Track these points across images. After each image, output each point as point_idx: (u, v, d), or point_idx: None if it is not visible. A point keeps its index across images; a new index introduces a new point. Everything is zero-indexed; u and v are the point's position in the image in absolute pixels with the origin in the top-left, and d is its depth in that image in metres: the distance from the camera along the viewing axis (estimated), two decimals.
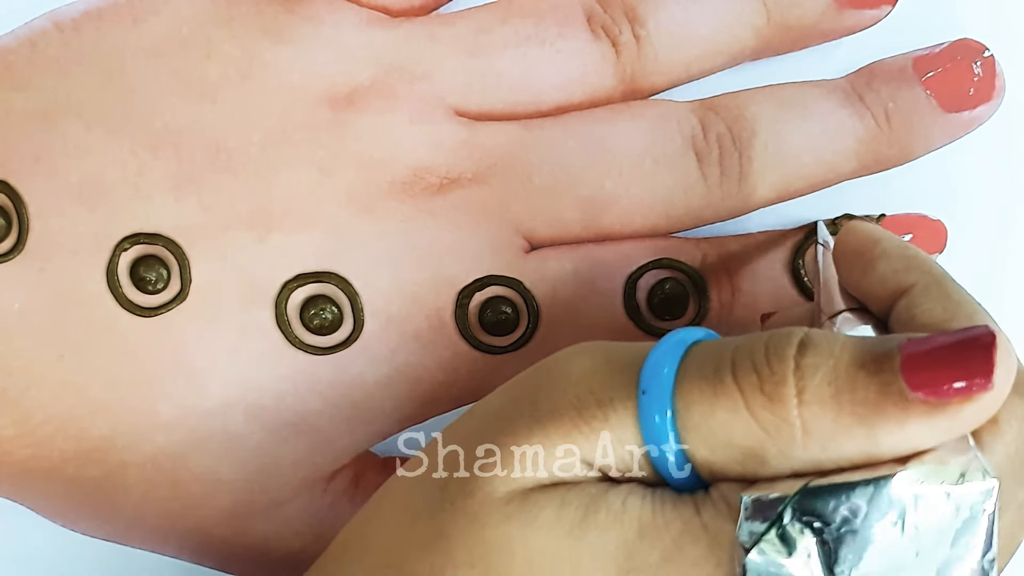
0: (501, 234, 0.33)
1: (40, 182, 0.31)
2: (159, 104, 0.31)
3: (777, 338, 0.24)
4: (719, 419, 0.24)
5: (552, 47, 0.33)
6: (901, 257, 0.27)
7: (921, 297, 0.26)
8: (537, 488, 0.25)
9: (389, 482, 0.28)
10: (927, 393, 0.23)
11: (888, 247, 0.28)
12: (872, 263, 0.28)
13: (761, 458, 0.24)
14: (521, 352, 0.33)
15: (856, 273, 0.28)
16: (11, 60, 0.31)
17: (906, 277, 0.27)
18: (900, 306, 0.27)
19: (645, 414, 0.24)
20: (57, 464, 0.31)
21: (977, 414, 0.23)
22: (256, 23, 0.32)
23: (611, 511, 0.24)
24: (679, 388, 0.24)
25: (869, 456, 0.23)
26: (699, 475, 0.25)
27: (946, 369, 0.23)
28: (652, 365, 0.25)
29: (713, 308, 0.33)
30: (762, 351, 0.24)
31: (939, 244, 0.34)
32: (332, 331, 0.32)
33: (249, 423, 0.31)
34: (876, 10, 0.34)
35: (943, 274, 0.27)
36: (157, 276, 0.31)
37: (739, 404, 0.24)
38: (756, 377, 0.24)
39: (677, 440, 0.24)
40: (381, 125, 0.32)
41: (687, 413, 0.24)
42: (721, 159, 0.33)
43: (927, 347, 0.23)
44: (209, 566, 0.34)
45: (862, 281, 0.28)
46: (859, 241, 0.28)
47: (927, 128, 0.33)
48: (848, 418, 0.23)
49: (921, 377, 0.23)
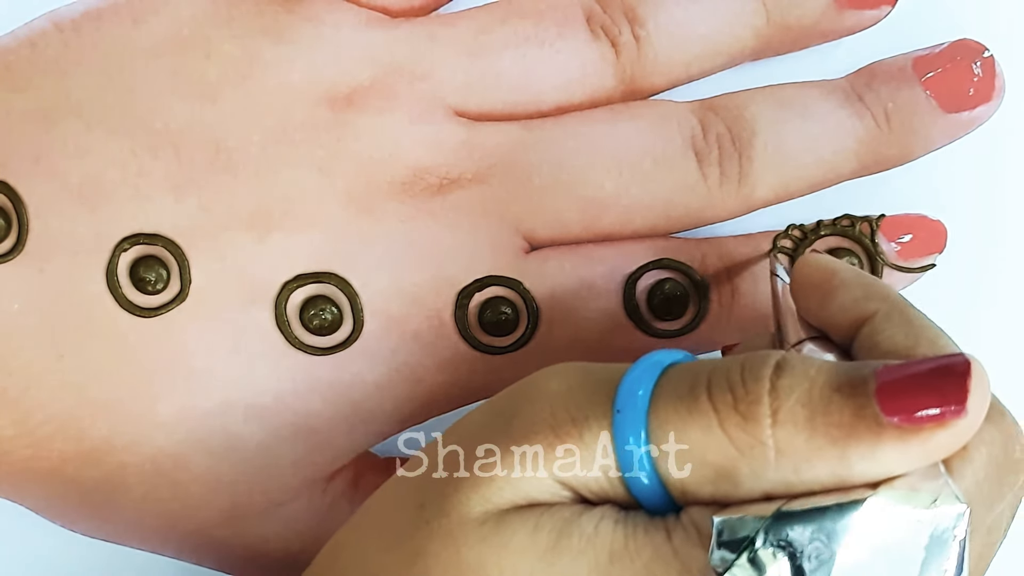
0: (501, 234, 0.33)
1: (40, 182, 0.31)
2: (159, 104, 0.31)
3: (753, 360, 0.24)
4: (693, 437, 0.24)
5: (552, 47, 0.33)
6: (860, 286, 0.28)
7: (883, 324, 0.27)
8: (512, 510, 0.25)
9: (370, 499, 0.28)
10: (901, 418, 0.23)
11: (846, 277, 0.28)
12: (831, 293, 0.28)
13: (733, 478, 0.24)
14: (521, 352, 0.33)
15: (815, 304, 0.28)
16: (11, 60, 0.31)
17: (866, 305, 0.27)
18: (863, 333, 0.27)
19: (619, 433, 0.25)
20: (57, 464, 0.31)
21: (950, 441, 0.23)
22: (256, 23, 0.32)
23: (583, 536, 0.24)
24: (654, 407, 0.25)
25: (841, 480, 0.23)
26: (671, 496, 0.25)
27: (921, 395, 0.23)
28: (628, 385, 0.25)
29: (713, 309, 0.33)
30: (738, 371, 0.24)
31: (939, 244, 0.34)
32: (332, 331, 0.32)
33: (249, 423, 0.31)
34: (876, 10, 0.34)
35: (903, 301, 0.27)
36: (157, 276, 0.31)
37: (713, 423, 0.24)
38: (731, 396, 0.24)
39: (650, 459, 0.24)
40: (381, 125, 0.32)
41: (661, 432, 0.24)
42: (721, 159, 0.33)
43: (902, 373, 0.23)
44: (209, 566, 0.34)
45: (822, 311, 0.28)
46: (817, 273, 0.29)
47: (927, 128, 0.33)
48: (821, 440, 0.23)
49: (896, 402, 0.23)
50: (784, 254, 0.33)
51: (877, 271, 0.33)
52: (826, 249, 0.34)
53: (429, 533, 0.25)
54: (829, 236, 0.34)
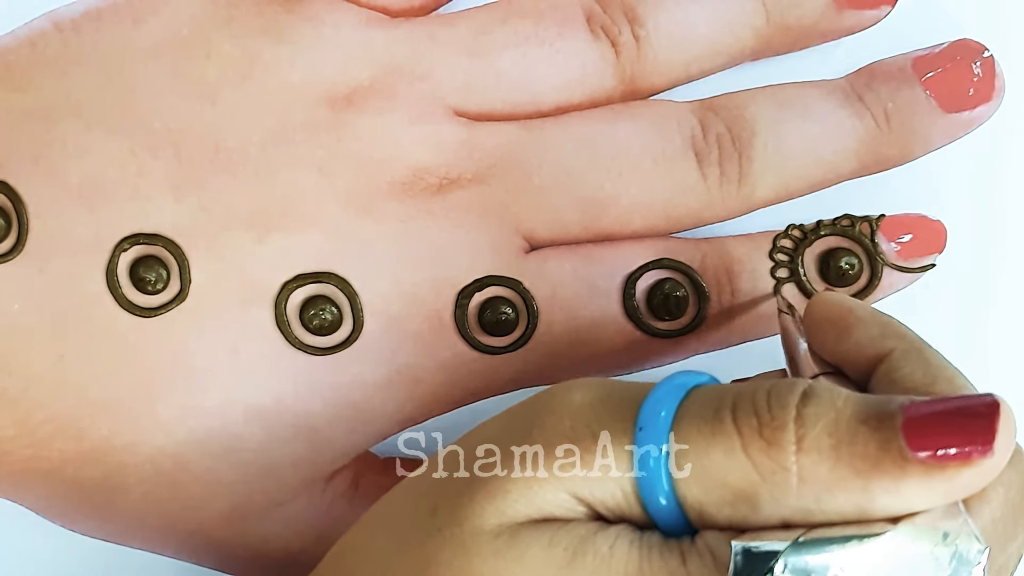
0: (501, 234, 0.33)
1: (40, 182, 0.31)
2: (159, 104, 0.31)
3: (781, 386, 0.24)
4: (714, 459, 0.24)
5: (552, 47, 0.33)
6: (876, 324, 0.28)
7: (901, 362, 0.27)
8: (527, 523, 0.25)
9: (380, 501, 0.28)
10: (927, 455, 0.23)
11: (862, 315, 0.28)
12: (848, 330, 0.28)
13: (753, 502, 0.24)
14: (521, 352, 0.33)
15: (831, 340, 0.29)
16: (11, 60, 0.31)
17: (883, 343, 0.27)
18: (880, 371, 0.27)
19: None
20: (57, 464, 0.31)
21: (975, 480, 0.23)
22: (256, 23, 0.32)
23: (598, 555, 0.24)
24: (677, 427, 0.24)
25: (862, 512, 0.23)
26: (688, 518, 0.25)
27: (948, 433, 0.23)
28: (652, 404, 0.25)
29: (712, 309, 0.33)
30: (764, 397, 0.24)
31: (939, 244, 0.34)
32: (332, 332, 0.32)
33: (249, 423, 0.31)
34: (876, 10, 0.34)
35: (920, 340, 0.27)
36: (157, 276, 0.31)
37: (736, 446, 0.24)
38: (756, 421, 0.24)
39: (669, 479, 0.24)
40: (381, 125, 0.32)
41: (683, 453, 0.24)
42: (721, 159, 0.33)
43: (930, 409, 0.23)
44: (209, 566, 0.34)
45: (838, 347, 0.28)
46: (832, 310, 0.29)
47: (927, 128, 0.33)
48: (845, 470, 0.23)
49: (922, 438, 0.23)
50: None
51: (877, 271, 0.33)
52: (826, 249, 0.34)
53: (441, 541, 0.25)
54: (829, 236, 0.34)
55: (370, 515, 0.28)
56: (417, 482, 0.27)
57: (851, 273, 0.33)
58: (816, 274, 0.34)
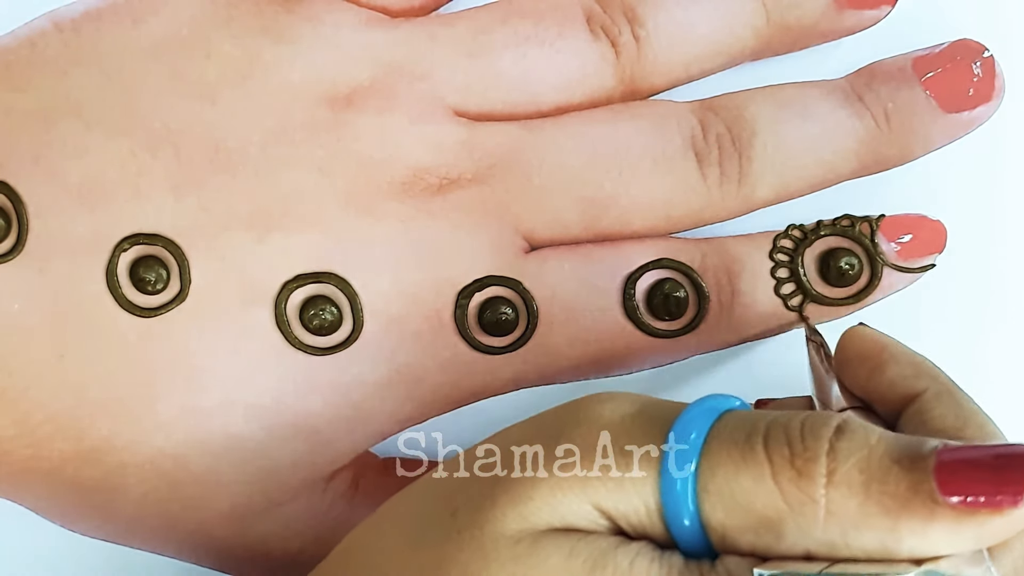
0: (501, 234, 0.33)
1: (40, 182, 0.31)
2: (159, 104, 0.31)
3: (815, 418, 0.24)
4: (743, 485, 0.24)
5: (552, 47, 0.33)
6: (910, 363, 0.28)
7: (932, 403, 0.27)
8: (548, 532, 0.25)
9: (395, 498, 0.28)
10: (958, 500, 0.23)
11: (895, 352, 0.29)
12: (881, 367, 0.28)
13: (778, 531, 0.24)
14: (520, 352, 0.33)
15: (862, 376, 0.29)
16: (11, 60, 0.31)
17: (916, 383, 0.28)
18: (911, 411, 0.27)
19: (667, 471, 0.24)
20: (57, 464, 0.31)
21: (1003, 528, 0.23)
22: (256, 23, 0.32)
23: (618, 569, 0.24)
24: (707, 450, 0.24)
25: (887, 551, 0.23)
26: (710, 541, 0.25)
27: (980, 479, 0.23)
28: (683, 424, 0.25)
29: (712, 309, 0.33)
30: (798, 427, 0.24)
31: (939, 244, 0.34)
32: (332, 331, 0.32)
33: (249, 423, 0.31)
34: (876, 10, 0.34)
35: (952, 382, 0.28)
36: (157, 276, 0.31)
37: (766, 473, 0.24)
38: (788, 450, 0.24)
39: (695, 500, 0.24)
40: (381, 125, 0.32)
41: (711, 475, 0.24)
42: (721, 160, 0.33)
43: (964, 456, 0.23)
44: (209, 566, 0.34)
45: (869, 384, 0.29)
46: (866, 346, 0.29)
47: (927, 128, 0.33)
48: (874, 507, 0.23)
49: (954, 483, 0.23)
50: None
51: (877, 271, 0.33)
52: (826, 249, 0.34)
53: (460, 543, 0.25)
54: (829, 236, 0.34)
55: (384, 512, 0.28)
56: (436, 483, 0.27)
57: (851, 273, 0.33)
58: (816, 274, 0.34)
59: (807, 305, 0.33)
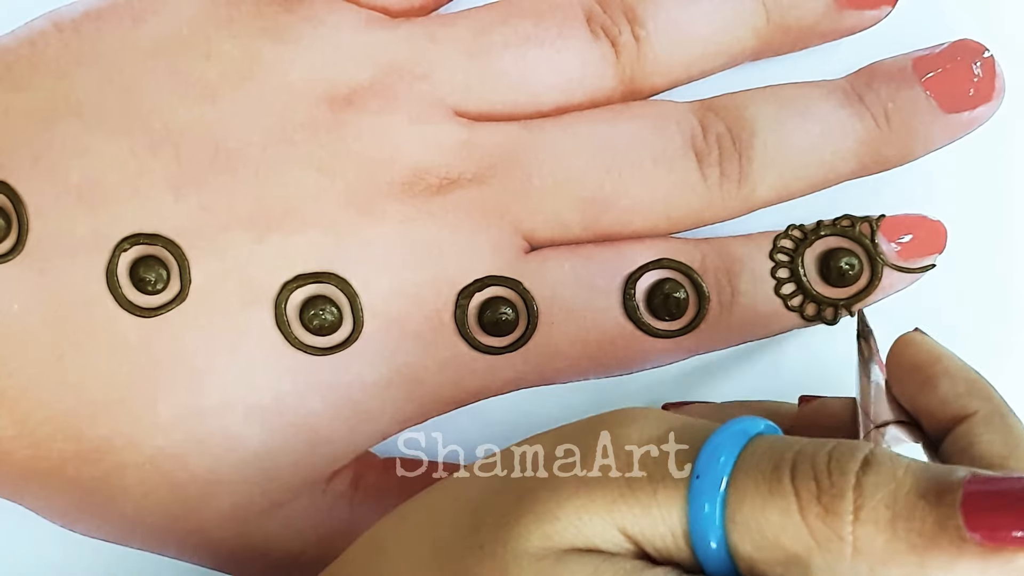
0: (501, 234, 0.33)
1: (40, 182, 0.31)
2: (159, 104, 0.31)
3: (842, 450, 0.24)
4: (770, 519, 0.24)
5: (552, 47, 0.33)
6: (964, 380, 0.28)
7: (981, 427, 0.27)
8: (572, 551, 0.25)
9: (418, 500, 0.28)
10: (984, 536, 0.23)
11: (949, 367, 0.28)
12: (932, 381, 0.28)
13: (805, 567, 0.24)
14: (520, 352, 0.33)
15: (912, 388, 0.28)
16: (11, 60, 0.31)
17: (968, 403, 0.27)
18: (958, 432, 0.27)
19: (695, 498, 0.24)
20: (57, 464, 0.31)
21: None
22: (256, 23, 0.32)
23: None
24: (734, 479, 0.24)
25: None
26: (737, 571, 0.24)
27: (1007, 515, 0.23)
28: (711, 449, 0.25)
29: (713, 309, 0.33)
30: (824, 460, 0.24)
31: (939, 244, 0.34)
32: (332, 332, 0.32)
33: (249, 424, 0.31)
34: (876, 10, 0.34)
35: (1004, 405, 0.27)
36: (157, 277, 0.31)
37: (793, 508, 0.24)
38: (815, 485, 0.24)
39: (723, 530, 0.24)
40: (381, 125, 0.32)
41: (738, 506, 0.24)
42: (721, 160, 0.33)
43: (991, 488, 0.23)
44: (209, 567, 0.34)
45: (919, 397, 0.28)
46: (919, 356, 0.29)
47: (927, 129, 0.33)
48: (901, 544, 0.23)
49: (981, 519, 0.23)
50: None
51: (877, 271, 0.33)
52: (826, 249, 0.34)
53: (480, 558, 0.25)
54: (829, 236, 0.34)
55: (406, 515, 0.28)
56: (461, 489, 0.27)
57: (851, 273, 0.33)
58: (816, 274, 0.34)
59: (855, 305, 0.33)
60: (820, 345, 0.35)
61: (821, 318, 0.34)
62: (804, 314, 0.34)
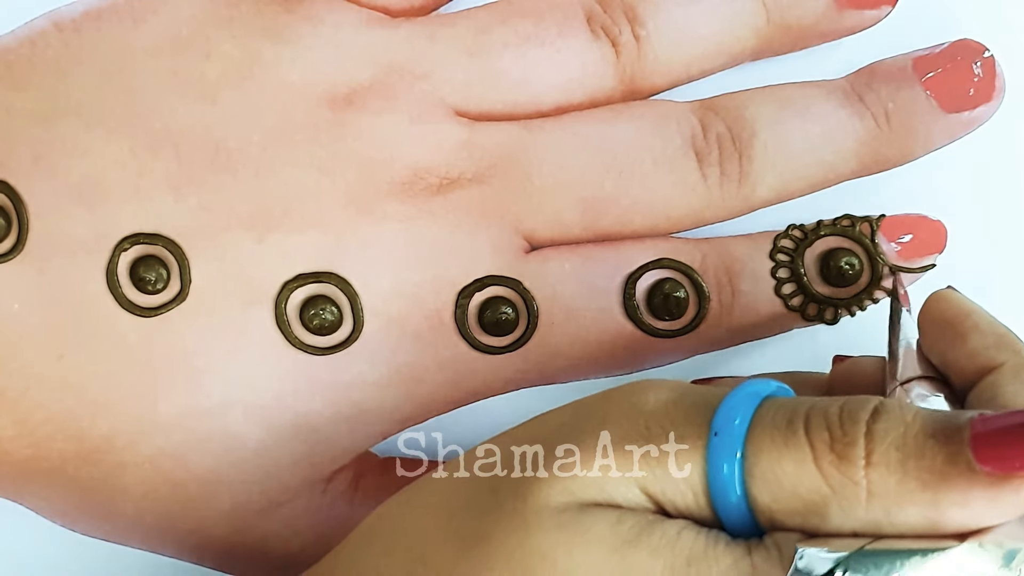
0: (501, 234, 0.33)
1: (40, 182, 0.31)
2: (159, 104, 0.31)
3: (853, 403, 0.25)
4: (786, 469, 0.24)
5: (552, 47, 0.33)
6: (993, 334, 0.28)
7: (1008, 377, 0.27)
8: (592, 504, 0.25)
9: (425, 479, 0.28)
10: (994, 467, 0.23)
11: (979, 321, 0.28)
12: (963, 336, 0.28)
13: (823, 513, 0.24)
14: (520, 352, 0.33)
15: (943, 343, 0.29)
16: (11, 60, 0.31)
17: (996, 355, 0.28)
18: (984, 383, 0.27)
19: (714, 455, 0.25)
20: (57, 464, 0.31)
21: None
22: (256, 23, 0.32)
23: (665, 536, 0.24)
24: (751, 435, 0.25)
25: (932, 525, 0.24)
26: (757, 523, 0.25)
27: (1015, 445, 0.23)
28: (726, 410, 0.25)
29: (713, 309, 0.33)
30: (836, 412, 0.25)
31: (939, 244, 0.34)
32: (332, 331, 0.32)
33: (248, 423, 0.31)
34: (876, 10, 0.34)
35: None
36: (157, 276, 0.31)
37: (808, 458, 0.24)
38: (828, 435, 0.24)
39: (743, 484, 0.25)
40: (381, 125, 0.32)
41: (755, 459, 0.25)
42: (721, 159, 0.33)
43: (998, 424, 0.23)
44: (209, 566, 0.34)
45: (948, 352, 0.29)
46: (950, 311, 0.29)
47: (927, 128, 0.33)
48: (913, 483, 0.24)
49: (990, 451, 0.23)
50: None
51: (877, 271, 0.33)
52: (826, 249, 0.34)
53: (499, 517, 0.25)
54: (829, 236, 0.34)
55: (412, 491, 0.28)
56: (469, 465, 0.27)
57: (851, 273, 0.33)
58: (816, 274, 0.34)
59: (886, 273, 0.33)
60: (820, 345, 0.35)
61: (821, 318, 0.34)
62: (804, 314, 0.34)
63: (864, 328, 0.34)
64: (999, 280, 0.36)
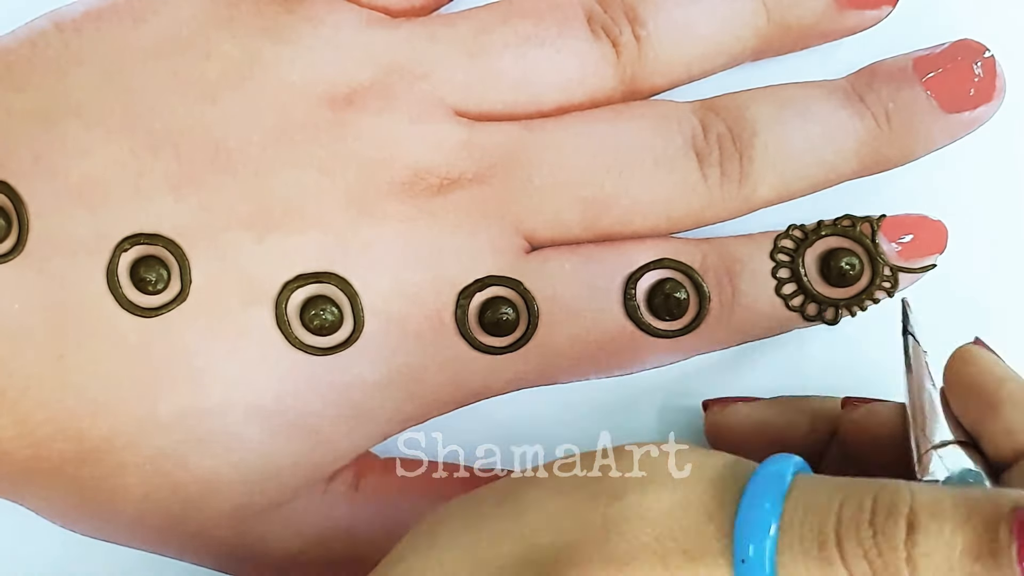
0: (501, 234, 0.33)
1: (40, 182, 0.31)
2: (159, 104, 0.31)
3: (883, 514, 0.24)
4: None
5: (552, 47, 0.33)
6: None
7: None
8: None
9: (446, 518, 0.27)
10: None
11: (1014, 390, 0.27)
12: (996, 408, 0.27)
13: None
14: (521, 352, 0.33)
15: (974, 411, 0.27)
16: (11, 60, 0.31)
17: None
18: (1021, 466, 0.26)
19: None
20: (57, 464, 0.31)
21: None
22: (256, 23, 0.32)
23: None
24: (781, 560, 0.24)
25: None
26: None
27: None
28: (748, 524, 0.24)
29: (713, 309, 0.33)
30: (869, 532, 0.24)
31: (939, 244, 0.34)
32: (332, 332, 0.32)
33: (249, 424, 0.31)
34: (877, 10, 0.34)
35: None
36: (157, 276, 0.31)
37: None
38: (867, 566, 0.23)
39: None
40: (381, 125, 0.32)
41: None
42: (721, 160, 0.33)
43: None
44: (209, 567, 0.34)
45: (981, 423, 0.27)
46: (980, 376, 0.27)
47: (928, 129, 0.33)
48: None
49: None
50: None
51: (878, 271, 0.33)
52: (827, 249, 0.34)
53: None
54: (830, 236, 0.34)
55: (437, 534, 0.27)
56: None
57: (852, 273, 0.33)
58: (817, 274, 0.34)
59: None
60: (821, 345, 0.35)
61: (822, 318, 0.34)
62: (805, 314, 0.34)
63: (864, 328, 0.34)
64: (999, 280, 0.36)
